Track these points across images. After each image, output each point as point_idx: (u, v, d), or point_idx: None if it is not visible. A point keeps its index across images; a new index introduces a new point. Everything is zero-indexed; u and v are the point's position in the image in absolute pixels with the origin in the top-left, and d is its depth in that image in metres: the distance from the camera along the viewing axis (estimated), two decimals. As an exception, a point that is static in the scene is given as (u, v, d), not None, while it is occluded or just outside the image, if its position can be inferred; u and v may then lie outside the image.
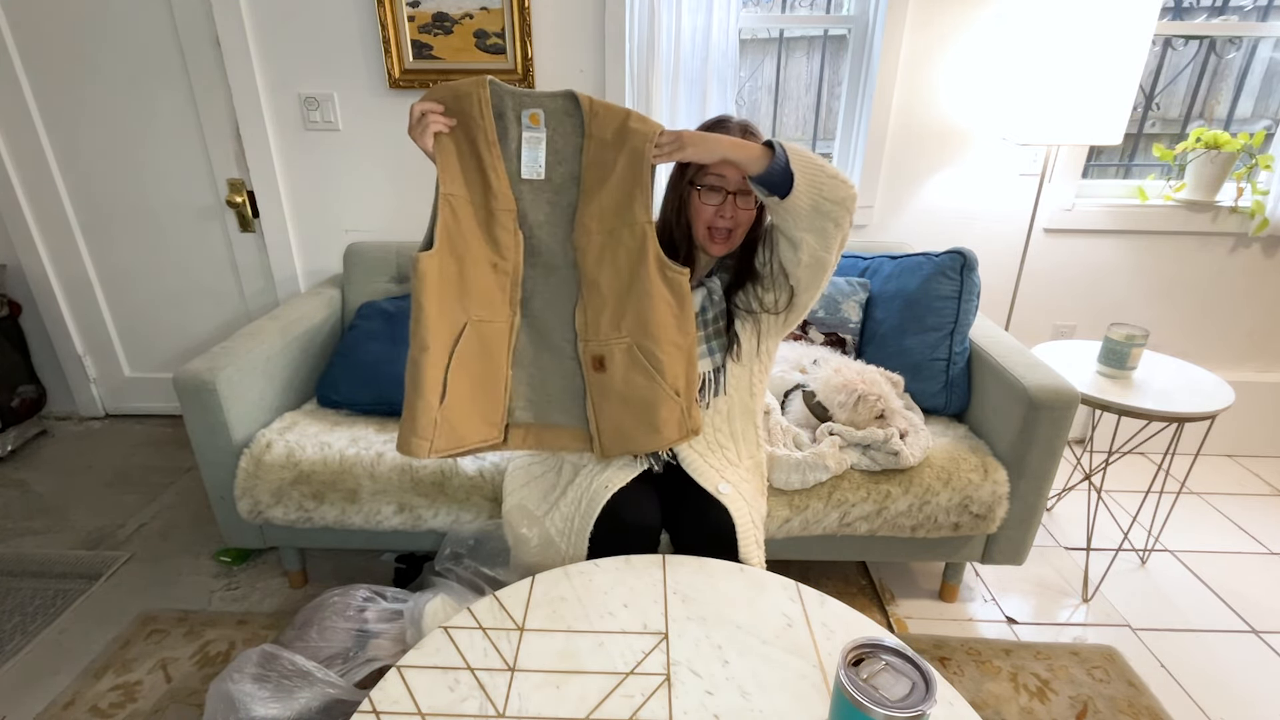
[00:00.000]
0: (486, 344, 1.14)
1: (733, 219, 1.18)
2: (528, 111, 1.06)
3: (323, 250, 2.28)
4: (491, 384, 1.16)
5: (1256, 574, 1.85)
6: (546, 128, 1.06)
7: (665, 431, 1.16)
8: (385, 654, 1.24)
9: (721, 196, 1.17)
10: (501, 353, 1.16)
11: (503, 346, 1.15)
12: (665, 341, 1.13)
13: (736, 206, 1.17)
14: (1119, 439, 2.26)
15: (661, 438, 1.16)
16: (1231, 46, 2.17)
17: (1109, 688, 1.47)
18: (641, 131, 1.04)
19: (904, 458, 1.45)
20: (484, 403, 1.15)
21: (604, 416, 1.18)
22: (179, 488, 2.18)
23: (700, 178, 1.17)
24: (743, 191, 1.16)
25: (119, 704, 1.41)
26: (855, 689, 0.71)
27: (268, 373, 1.67)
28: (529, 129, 1.05)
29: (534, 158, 1.06)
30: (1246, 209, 2.15)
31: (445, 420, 1.11)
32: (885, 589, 1.77)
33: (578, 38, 1.99)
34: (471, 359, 1.13)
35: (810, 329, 1.84)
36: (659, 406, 1.14)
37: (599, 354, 1.15)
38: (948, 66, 2.02)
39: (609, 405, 1.16)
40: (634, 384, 1.14)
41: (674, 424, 1.16)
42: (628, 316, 1.12)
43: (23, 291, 2.39)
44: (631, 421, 1.16)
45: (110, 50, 2.09)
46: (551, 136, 1.06)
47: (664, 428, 1.15)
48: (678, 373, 1.15)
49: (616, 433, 1.17)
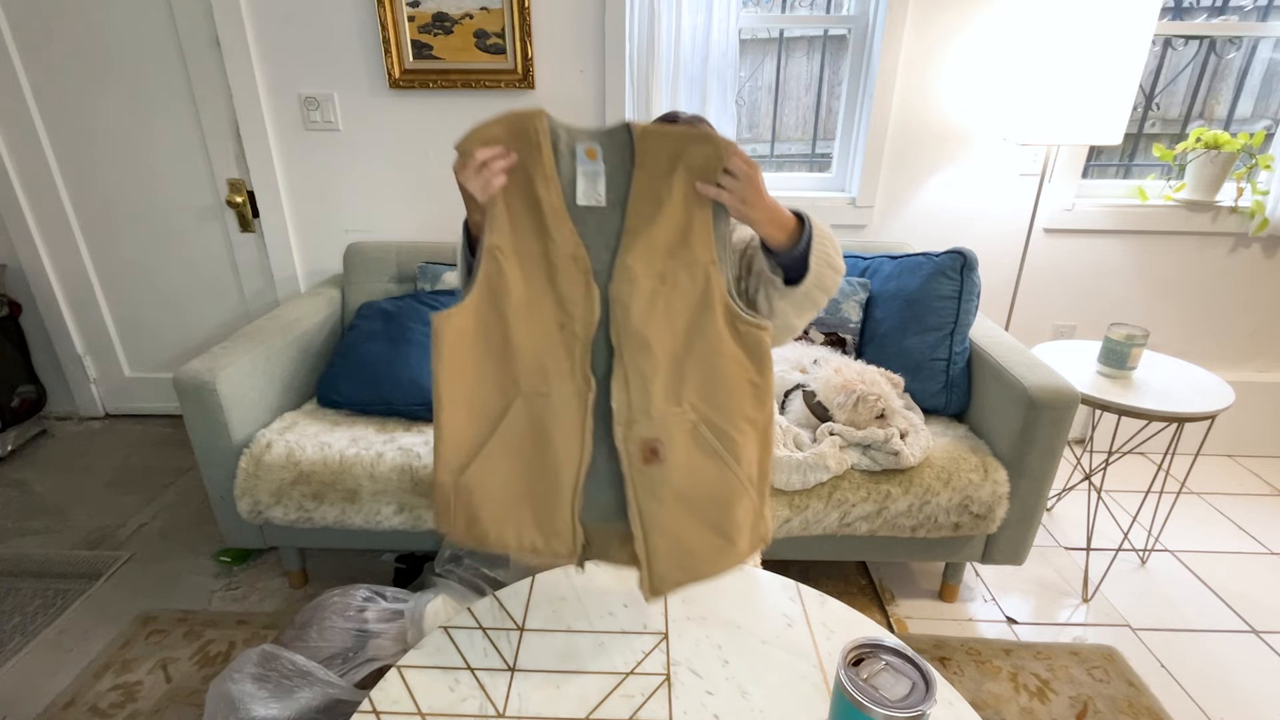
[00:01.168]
0: (543, 425, 0.87)
1: None
2: (583, 145, 0.89)
3: (323, 250, 2.28)
4: (549, 476, 0.86)
5: (1256, 574, 1.85)
6: (605, 162, 0.90)
7: (739, 541, 0.87)
8: (385, 654, 1.24)
9: None
10: (567, 435, 0.86)
11: (571, 428, 0.86)
12: (738, 416, 0.88)
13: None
14: (1119, 439, 2.26)
15: (735, 551, 0.87)
16: (1231, 46, 2.17)
17: (1109, 688, 1.47)
18: (704, 150, 0.82)
19: (904, 458, 1.45)
20: (538, 500, 0.87)
21: (656, 528, 0.86)
22: (179, 488, 2.18)
23: None
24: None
25: (119, 704, 1.41)
26: (855, 689, 0.71)
27: (268, 373, 1.67)
28: (584, 162, 0.90)
29: (591, 189, 0.90)
30: (1246, 209, 2.15)
31: (464, 502, 0.87)
32: (885, 589, 1.77)
33: (578, 38, 1.99)
34: (521, 442, 0.87)
35: (810, 329, 1.84)
36: (734, 504, 0.87)
37: (650, 438, 0.86)
38: (948, 66, 2.02)
39: (663, 510, 0.86)
40: (701, 474, 0.87)
41: (747, 529, 0.88)
42: (689, 384, 0.87)
43: (23, 291, 2.39)
44: (696, 530, 0.86)
45: (110, 50, 2.09)
46: (610, 173, 0.89)
47: (738, 535, 0.87)
48: (751, 458, 0.89)
49: (675, 552, 0.86)
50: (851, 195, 2.20)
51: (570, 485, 0.86)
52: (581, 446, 0.86)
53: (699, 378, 0.87)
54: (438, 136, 2.12)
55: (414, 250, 2.04)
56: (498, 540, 0.86)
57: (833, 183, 2.26)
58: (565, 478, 0.85)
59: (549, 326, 0.87)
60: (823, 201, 2.20)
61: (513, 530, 0.86)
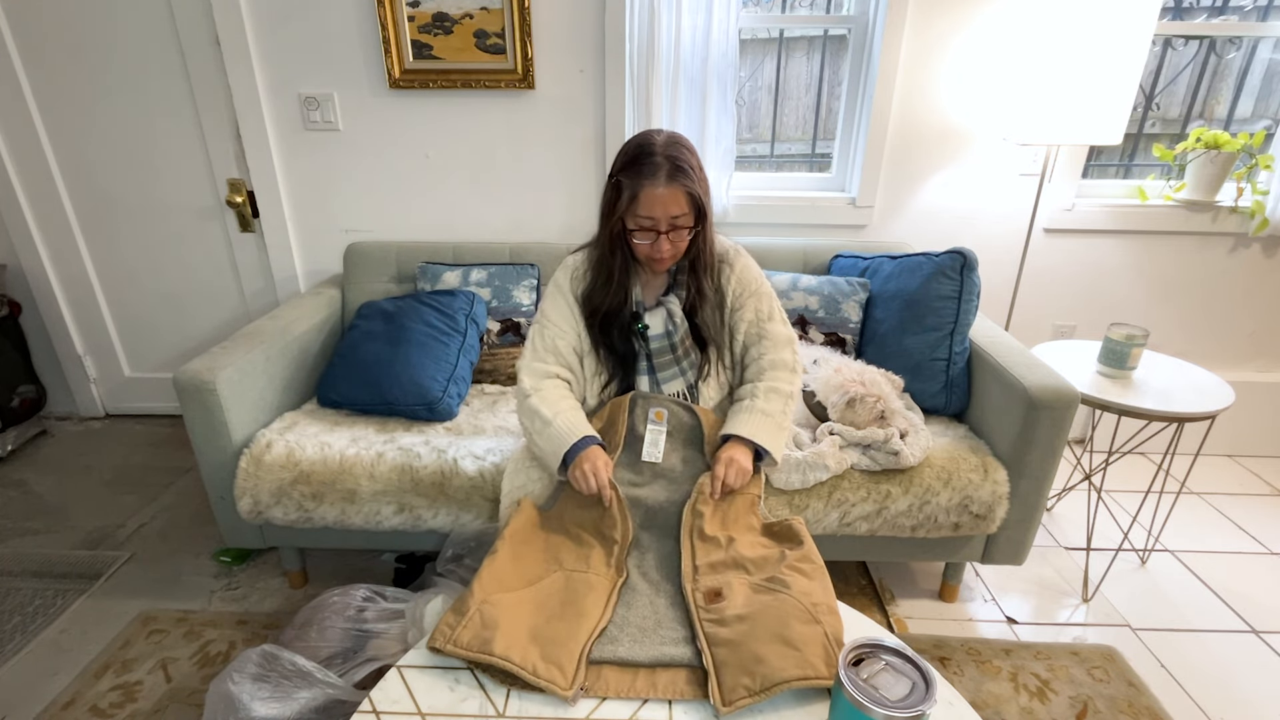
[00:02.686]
0: (576, 592, 1.05)
1: (670, 250, 1.20)
2: (653, 409, 1.28)
3: (323, 250, 2.28)
4: (569, 629, 0.98)
5: (1256, 574, 1.85)
6: (668, 424, 1.27)
7: (808, 652, 0.90)
8: (385, 654, 1.25)
9: (654, 236, 1.18)
10: (596, 603, 1.03)
11: (599, 599, 1.04)
12: (790, 569, 1.07)
13: (670, 240, 1.19)
14: (1119, 439, 2.26)
15: (805, 659, 0.89)
16: (1231, 46, 2.17)
17: (1109, 688, 1.47)
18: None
19: (904, 458, 1.45)
20: (552, 644, 0.95)
21: (720, 643, 0.95)
22: (179, 488, 2.18)
23: (630, 218, 1.18)
24: (674, 228, 1.18)
25: (119, 704, 1.41)
26: (855, 689, 0.71)
27: (268, 373, 1.67)
28: (653, 423, 1.27)
29: (654, 443, 1.25)
30: (1246, 209, 2.15)
31: (487, 615, 0.98)
32: (885, 589, 1.77)
33: (578, 38, 1.99)
34: (550, 598, 1.04)
35: (810, 329, 1.84)
36: (790, 617, 0.95)
37: (715, 586, 1.05)
38: (948, 66, 2.02)
39: (726, 630, 0.96)
40: (757, 602, 1.00)
41: (816, 644, 0.92)
42: (741, 554, 1.12)
43: (23, 291, 2.39)
44: (760, 640, 0.93)
45: (110, 50, 2.09)
46: (671, 431, 1.27)
47: (805, 646, 0.91)
48: (804, 588, 1.02)
49: (742, 659, 0.91)
50: (851, 195, 2.20)
51: (585, 639, 0.97)
52: (603, 613, 1.02)
53: (747, 550, 1.12)
54: (438, 136, 2.12)
55: (414, 250, 2.04)
56: (503, 653, 0.92)
57: (833, 183, 2.26)
58: (582, 634, 0.97)
59: (594, 535, 1.16)
60: (823, 201, 2.20)
61: (519, 653, 0.93)
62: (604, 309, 1.29)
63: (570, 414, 1.23)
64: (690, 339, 1.32)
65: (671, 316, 1.29)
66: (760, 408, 1.24)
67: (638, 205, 1.15)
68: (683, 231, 1.18)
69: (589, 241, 1.34)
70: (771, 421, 1.23)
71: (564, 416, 1.22)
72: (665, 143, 1.17)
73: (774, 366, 1.30)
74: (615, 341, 1.31)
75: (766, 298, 1.34)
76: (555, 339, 1.30)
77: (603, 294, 1.28)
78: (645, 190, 1.14)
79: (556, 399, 1.25)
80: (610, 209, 1.20)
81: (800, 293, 1.85)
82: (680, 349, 1.31)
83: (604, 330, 1.31)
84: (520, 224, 2.23)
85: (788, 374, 1.30)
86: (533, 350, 1.31)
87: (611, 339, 1.31)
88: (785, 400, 1.26)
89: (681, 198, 1.15)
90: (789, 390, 1.28)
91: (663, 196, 1.14)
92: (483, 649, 0.92)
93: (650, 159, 1.14)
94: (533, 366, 1.30)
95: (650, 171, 1.14)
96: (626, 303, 1.30)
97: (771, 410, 1.23)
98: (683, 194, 1.15)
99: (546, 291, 1.34)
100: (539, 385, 1.27)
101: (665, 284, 1.32)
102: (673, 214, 1.15)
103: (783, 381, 1.28)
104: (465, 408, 1.77)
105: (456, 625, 0.96)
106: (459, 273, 1.95)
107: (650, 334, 1.30)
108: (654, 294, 1.33)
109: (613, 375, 1.35)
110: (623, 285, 1.27)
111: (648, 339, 1.30)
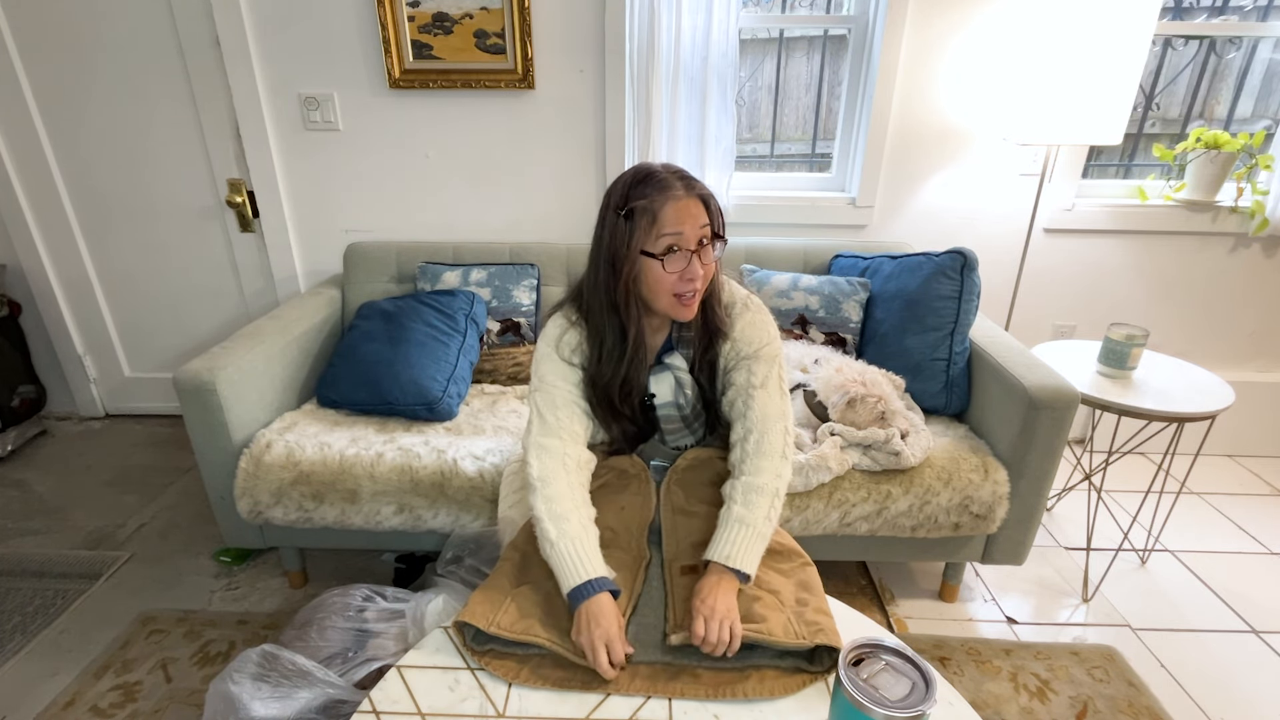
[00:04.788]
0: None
1: (703, 274, 1.04)
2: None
3: (323, 250, 2.28)
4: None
5: (1256, 574, 1.85)
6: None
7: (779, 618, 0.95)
8: (385, 654, 1.24)
9: (687, 258, 1.01)
10: (624, 582, 1.03)
11: (625, 580, 1.04)
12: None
13: (701, 261, 1.02)
14: (1119, 439, 2.26)
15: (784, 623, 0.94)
16: (1231, 46, 2.17)
17: (1109, 688, 1.47)
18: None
19: (905, 458, 1.45)
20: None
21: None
22: (179, 488, 2.18)
23: (654, 244, 1.00)
24: (702, 244, 1.02)
25: (119, 704, 1.41)
26: (855, 689, 0.71)
27: (268, 373, 1.67)
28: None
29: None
30: (1246, 209, 2.15)
31: (519, 602, 1.00)
32: (885, 589, 1.77)
33: (578, 38, 1.99)
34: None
35: (811, 329, 1.84)
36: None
37: (689, 565, 1.05)
38: (948, 66, 2.02)
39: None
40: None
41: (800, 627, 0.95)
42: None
43: (23, 291, 2.39)
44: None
45: (110, 50, 2.09)
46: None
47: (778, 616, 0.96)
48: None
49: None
50: (851, 195, 2.20)
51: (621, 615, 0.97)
52: (633, 587, 1.03)
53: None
54: (438, 136, 2.12)
55: (414, 250, 2.04)
56: (545, 634, 0.95)
57: (833, 183, 2.26)
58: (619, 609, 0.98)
59: (615, 524, 1.11)
60: (823, 201, 2.20)
61: (559, 636, 0.95)
62: (620, 386, 1.10)
63: (575, 538, 1.01)
64: (699, 403, 1.16)
65: (680, 384, 1.13)
66: (737, 517, 1.03)
67: (661, 223, 0.99)
68: (709, 249, 1.03)
69: (563, 302, 1.15)
70: (751, 532, 1.02)
71: (566, 541, 1.00)
72: (663, 165, 1.05)
73: (758, 455, 1.07)
74: (629, 417, 1.16)
75: (765, 362, 1.11)
76: (565, 406, 1.10)
77: (613, 365, 1.09)
78: (668, 204, 0.99)
79: (565, 511, 1.03)
80: (624, 247, 1.01)
81: (800, 292, 1.85)
82: (692, 414, 1.17)
83: (611, 407, 1.13)
84: (520, 224, 2.23)
85: (774, 463, 1.07)
86: (540, 422, 1.09)
87: (622, 417, 1.15)
88: (770, 501, 1.04)
89: (701, 208, 1.02)
90: (774, 487, 1.05)
91: (687, 206, 1.00)
92: (527, 631, 0.94)
93: (656, 177, 1.02)
94: (540, 444, 1.08)
95: (663, 186, 1.00)
96: (645, 372, 1.12)
97: (752, 519, 1.02)
98: (701, 203, 1.02)
99: (538, 354, 1.13)
100: (545, 477, 1.05)
101: (665, 339, 1.15)
102: (700, 224, 1.01)
103: (767, 475, 1.06)
104: (465, 408, 1.77)
105: (496, 610, 0.96)
106: (459, 273, 1.95)
107: (658, 402, 1.15)
108: (654, 352, 1.15)
109: (620, 448, 1.21)
110: (637, 351, 1.08)
111: (655, 408, 1.15)
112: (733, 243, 2.04)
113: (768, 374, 1.11)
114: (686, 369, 1.13)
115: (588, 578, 0.96)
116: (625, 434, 1.18)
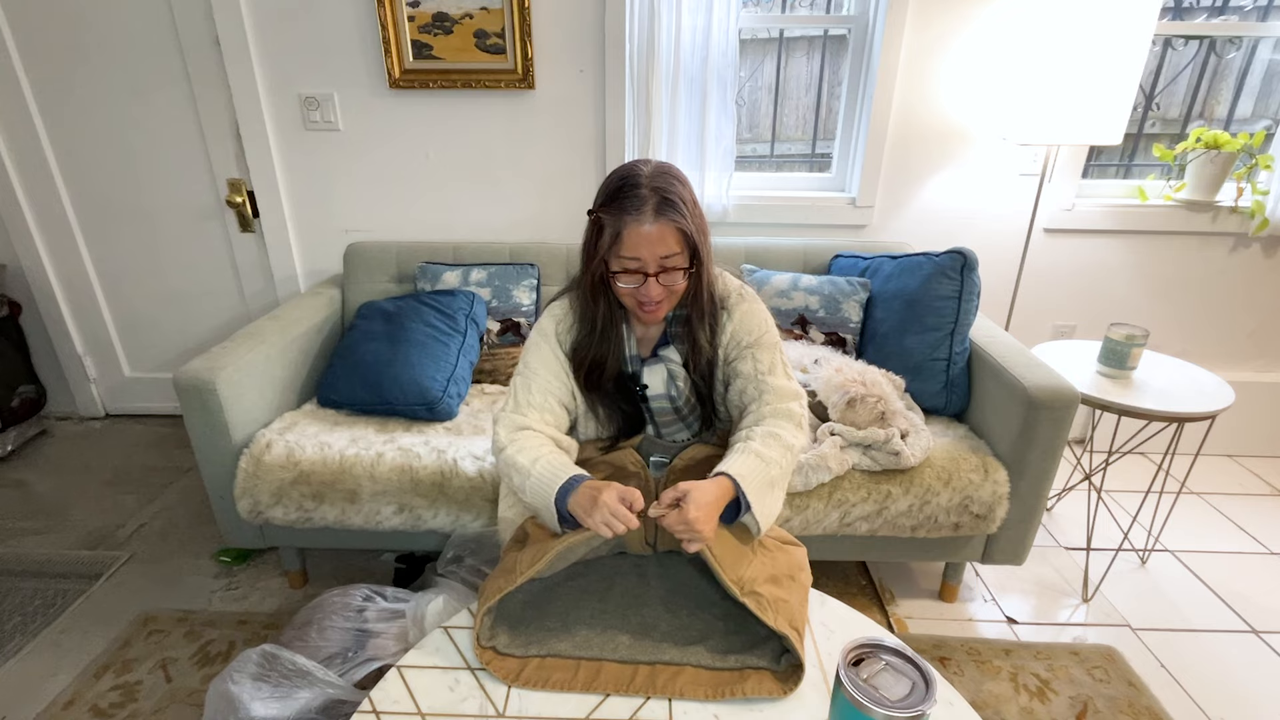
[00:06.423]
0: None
1: (661, 293, 1.04)
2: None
3: (323, 250, 2.28)
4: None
5: (1256, 574, 1.85)
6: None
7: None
8: (385, 654, 1.25)
9: (640, 279, 1.02)
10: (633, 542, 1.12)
11: (636, 539, 1.12)
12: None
13: (659, 283, 1.03)
14: (1119, 439, 2.26)
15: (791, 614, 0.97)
16: (1231, 46, 2.17)
17: (1109, 688, 1.47)
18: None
19: (905, 458, 1.45)
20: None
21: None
22: (179, 488, 2.18)
23: (614, 259, 1.02)
24: (665, 269, 1.02)
25: (119, 704, 1.41)
26: (855, 689, 0.71)
27: (268, 373, 1.67)
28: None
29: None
30: (1246, 209, 2.15)
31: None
32: (885, 589, 1.77)
33: (578, 38, 1.99)
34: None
35: (811, 329, 1.84)
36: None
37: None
38: (948, 66, 2.02)
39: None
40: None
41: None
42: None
43: (23, 291, 2.39)
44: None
45: (110, 50, 2.09)
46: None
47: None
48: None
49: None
50: (851, 195, 2.20)
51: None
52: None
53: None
54: (438, 136, 2.12)
55: (414, 250, 2.04)
56: (560, 542, 1.00)
57: (833, 183, 2.26)
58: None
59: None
60: (823, 201, 2.20)
61: (565, 541, 1.00)
62: (594, 364, 1.14)
63: (550, 458, 1.04)
64: (694, 397, 1.18)
65: (672, 376, 1.15)
66: (755, 449, 1.03)
67: (621, 245, 1.00)
68: (675, 274, 1.03)
69: (569, 285, 1.18)
70: (763, 467, 1.01)
71: (543, 462, 1.03)
72: (653, 174, 1.02)
73: (776, 415, 1.09)
74: (617, 401, 1.18)
75: (768, 349, 1.13)
76: (540, 392, 1.13)
77: (590, 347, 1.13)
78: (629, 228, 0.99)
79: (534, 446, 1.06)
80: (591, 249, 1.05)
81: (800, 292, 1.85)
82: (686, 407, 1.18)
83: (601, 389, 1.16)
84: (520, 224, 2.23)
85: (792, 426, 1.08)
86: (513, 402, 1.13)
87: (612, 399, 1.18)
88: (784, 451, 1.04)
89: (671, 235, 1.00)
90: (790, 442, 1.05)
91: (650, 235, 0.99)
92: (542, 554, 1.00)
93: (635, 191, 0.99)
94: (508, 419, 1.11)
95: (635, 206, 0.99)
96: (619, 357, 1.15)
97: (768, 456, 1.02)
98: (672, 231, 1.00)
99: (529, 340, 1.16)
100: (514, 437, 1.08)
101: (661, 333, 1.17)
102: (661, 254, 1.00)
103: (786, 432, 1.07)
104: (465, 408, 1.77)
105: (508, 577, 0.99)
106: (459, 273, 1.95)
107: (650, 394, 1.16)
108: (649, 345, 1.18)
109: (618, 438, 1.21)
110: (607, 336, 1.12)
111: (648, 399, 1.17)
112: (733, 242, 2.04)
113: (773, 361, 1.13)
114: (680, 362, 1.14)
115: (568, 476, 1.00)
116: (612, 419, 1.20)
